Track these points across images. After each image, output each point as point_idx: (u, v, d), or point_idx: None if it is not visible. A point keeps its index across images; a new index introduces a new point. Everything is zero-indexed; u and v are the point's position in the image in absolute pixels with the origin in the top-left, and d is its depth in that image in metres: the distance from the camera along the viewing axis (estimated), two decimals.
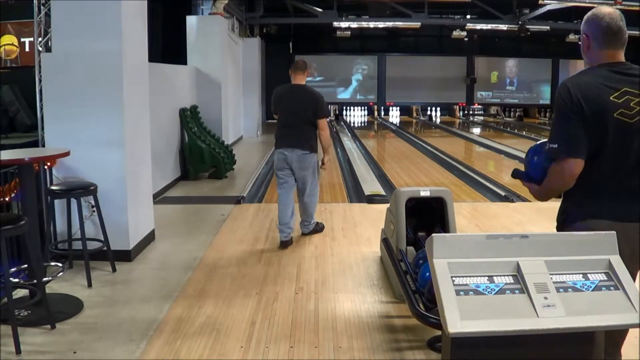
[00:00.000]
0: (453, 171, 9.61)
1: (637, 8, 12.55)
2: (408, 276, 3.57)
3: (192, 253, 4.90)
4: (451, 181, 8.64)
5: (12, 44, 9.00)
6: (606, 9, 2.22)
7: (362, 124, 20.48)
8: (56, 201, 4.39)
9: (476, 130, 18.42)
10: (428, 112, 22.26)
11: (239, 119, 13.94)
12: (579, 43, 2.38)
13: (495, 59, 22.15)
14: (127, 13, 4.56)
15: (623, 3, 12.60)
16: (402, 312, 3.64)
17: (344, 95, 22.29)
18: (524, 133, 16.47)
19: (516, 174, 2.47)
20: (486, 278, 2.03)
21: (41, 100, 4.69)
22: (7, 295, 3.16)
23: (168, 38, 10.87)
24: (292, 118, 5.06)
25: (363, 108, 22.16)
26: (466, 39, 19.29)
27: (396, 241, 3.99)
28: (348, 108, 22.08)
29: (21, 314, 3.50)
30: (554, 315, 1.93)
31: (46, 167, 4.47)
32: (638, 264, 2.24)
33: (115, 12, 4.43)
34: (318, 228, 5.54)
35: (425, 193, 4.11)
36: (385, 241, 4.31)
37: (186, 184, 8.21)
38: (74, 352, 3.13)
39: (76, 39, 4.44)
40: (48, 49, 4.69)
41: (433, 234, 2.11)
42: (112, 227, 4.45)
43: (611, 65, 2.20)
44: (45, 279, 3.92)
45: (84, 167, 4.51)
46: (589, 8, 2.41)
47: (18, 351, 3.09)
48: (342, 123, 19.56)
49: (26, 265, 3.80)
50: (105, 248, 4.39)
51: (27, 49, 8.80)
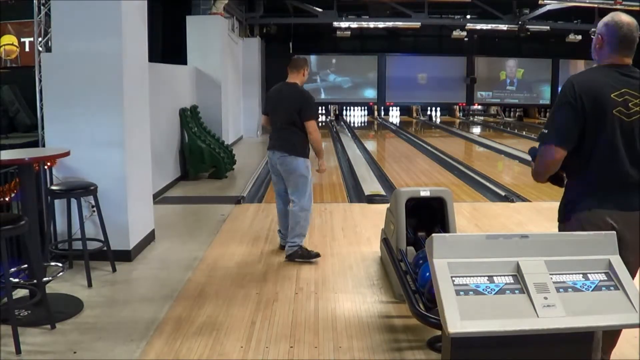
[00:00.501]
0: (453, 171, 9.61)
1: (637, 8, 12.55)
2: (408, 276, 3.57)
3: (192, 253, 4.90)
4: (451, 181, 8.64)
5: (12, 44, 9.01)
6: (626, 18, 2.33)
7: (362, 124, 20.47)
8: (56, 201, 4.39)
9: (476, 130, 18.41)
10: (428, 112, 22.25)
11: (239, 119, 13.94)
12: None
13: (500, 59, 22.08)
14: (127, 13, 4.56)
15: (623, 3, 12.61)
16: (402, 312, 3.64)
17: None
18: (524, 133, 16.47)
19: (531, 152, 2.57)
20: (486, 278, 2.04)
21: (41, 100, 4.69)
22: (7, 295, 3.16)
23: (168, 38, 10.87)
24: (277, 118, 4.78)
25: (363, 108, 22.13)
26: (466, 39, 19.26)
27: (396, 241, 3.99)
28: (348, 108, 22.06)
29: (21, 314, 3.50)
30: (554, 315, 1.94)
31: (46, 167, 4.47)
32: (639, 252, 2.33)
33: (115, 12, 4.43)
34: (303, 254, 4.68)
35: (425, 193, 4.11)
36: (385, 241, 4.31)
37: (186, 184, 8.21)
38: (74, 352, 3.13)
39: (76, 39, 4.44)
40: (48, 49, 4.70)
41: (433, 234, 2.11)
42: (112, 227, 4.45)
43: (618, 66, 2.33)
44: (45, 279, 3.92)
45: (84, 167, 4.51)
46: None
47: (18, 351, 3.09)
48: (342, 123, 19.55)
49: (26, 265, 3.80)
50: (105, 248, 4.39)
51: (27, 49, 8.81)
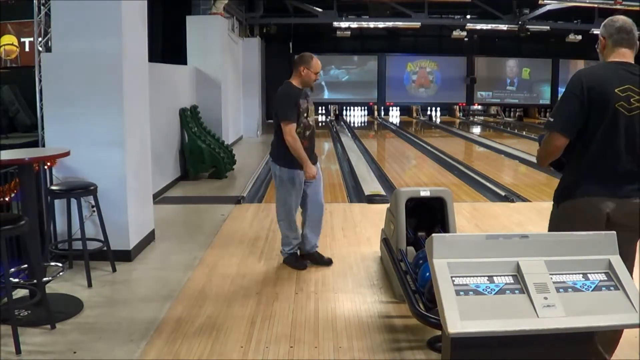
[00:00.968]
0: (453, 171, 9.61)
1: (637, 8, 12.55)
2: (408, 276, 3.57)
3: (192, 253, 4.90)
4: (451, 181, 8.63)
5: (12, 44, 9.02)
6: (621, 16, 2.58)
7: (362, 124, 20.46)
8: (56, 201, 4.39)
9: (476, 130, 18.40)
10: (428, 112, 22.24)
11: (239, 119, 13.94)
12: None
13: (500, 59, 22.06)
14: (127, 13, 4.56)
15: (623, 3, 12.61)
16: (402, 312, 3.64)
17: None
18: (524, 133, 16.46)
19: (539, 138, 2.66)
20: (486, 278, 2.03)
21: (41, 100, 4.69)
22: (7, 295, 3.16)
23: (168, 38, 10.87)
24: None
25: (363, 108, 22.12)
26: (466, 39, 19.27)
27: (396, 241, 3.99)
28: (348, 108, 22.06)
29: (21, 314, 3.50)
30: (554, 315, 1.94)
31: (46, 167, 4.47)
32: (637, 238, 2.49)
33: (115, 12, 4.43)
34: (291, 263, 4.55)
35: (425, 193, 4.11)
36: (385, 241, 4.31)
37: (186, 184, 8.21)
38: (74, 352, 3.13)
39: (76, 39, 4.44)
40: (48, 49, 4.69)
41: (433, 234, 2.11)
42: (112, 227, 4.45)
43: (621, 63, 2.48)
44: (45, 279, 3.92)
45: (84, 167, 4.51)
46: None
47: (18, 351, 3.09)
48: (342, 123, 19.54)
49: (26, 265, 3.80)
50: (105, 248, 4.39)
51: (27, 49, 8.81)
